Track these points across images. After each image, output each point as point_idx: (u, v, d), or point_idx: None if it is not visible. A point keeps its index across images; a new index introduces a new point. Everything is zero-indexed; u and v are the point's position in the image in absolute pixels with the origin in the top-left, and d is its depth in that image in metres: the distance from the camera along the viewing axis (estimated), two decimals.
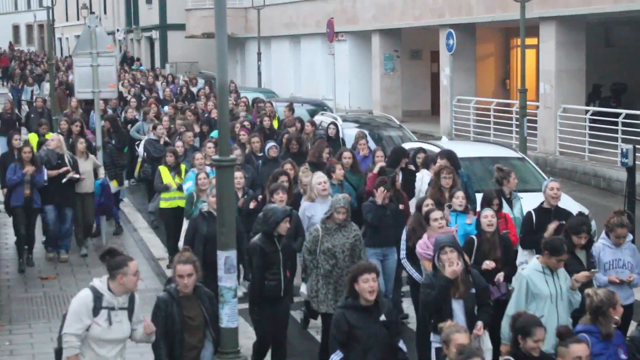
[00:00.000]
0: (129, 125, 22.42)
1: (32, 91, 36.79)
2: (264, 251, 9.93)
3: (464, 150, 16.37)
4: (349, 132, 18.98)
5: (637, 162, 17.14)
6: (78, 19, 66.96)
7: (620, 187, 21.05)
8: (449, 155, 13.96)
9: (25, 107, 35.58)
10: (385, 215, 12.00)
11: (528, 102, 24.43)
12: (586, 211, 14.89)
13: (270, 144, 16.29)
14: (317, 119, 21.86)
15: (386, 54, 36.98)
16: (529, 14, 23.56)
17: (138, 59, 56.48)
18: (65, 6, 74.83)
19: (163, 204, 15.46)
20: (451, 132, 30.10)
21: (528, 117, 24.22)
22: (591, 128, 24.47)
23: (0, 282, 14.28)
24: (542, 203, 11.48)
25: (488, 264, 10.24)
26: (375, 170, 13.84)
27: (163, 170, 15.66)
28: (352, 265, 9.59)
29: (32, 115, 25.85)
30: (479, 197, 12.43)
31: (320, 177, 12.29)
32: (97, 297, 7.57)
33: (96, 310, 7.54)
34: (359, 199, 13.52)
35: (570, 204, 14.02)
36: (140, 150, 19.24)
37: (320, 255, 10.48)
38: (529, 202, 12.24)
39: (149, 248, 16.72)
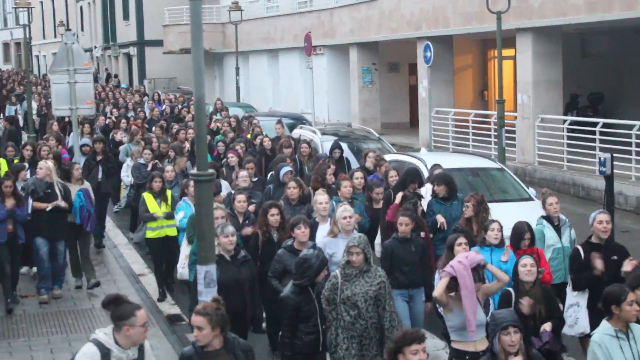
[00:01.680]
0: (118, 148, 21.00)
1: (15, 110, 35.54)
2: (299, 306, 9.11)
3: (444, 161, 16.38)
4: (328, 145, 18.97)
5: (615, 171, 17.21)
6: (55, 37, 66.79)
7: (599, 195, 21.13)
8: (445, 180, 13.17)
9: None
10: (410, 252, 11.00)
11: (506, 113, 24.50)
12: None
13: (286, 169, 14.92)
14: (296, 132, 21.86)
15: (364, 67, 37.07)
16: (505, 25, 23.65)
17: (116, 75, 56.38)
18: (42, 24, 74.70)
19: (150, 234, 14.51)
20: (430, 144, 30.17)
21: (506, 128, 24.29)
22: (569, 137, 24.57)
23: None
24: (589, 237, 10.54)
25: (546, 327, 9.04)
26: (398, 200, 12.76)
27: (148, 197, 14.55)
28: (376, 315, 9.10)
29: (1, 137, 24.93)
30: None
31: (346, 210, 10.87)
32: (104, 353, 6.79)
33: None
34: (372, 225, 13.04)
35: None
36: (125, 174, 18.47)
37: (340, 305, 9.22)
38: (507, 212, 12.25)
39: (129, 264, 16.62)
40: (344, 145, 19.75)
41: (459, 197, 12.96)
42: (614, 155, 17.17)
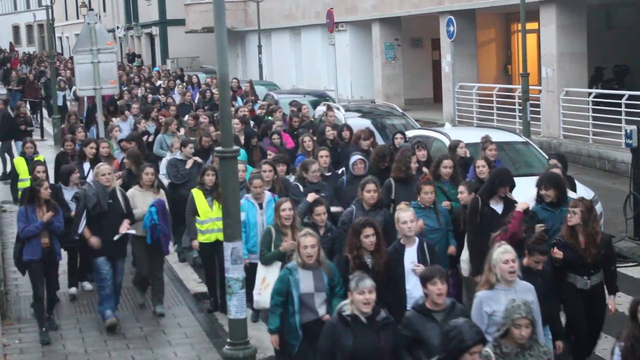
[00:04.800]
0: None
1: (64, 96, 32.21)
2: None
3: (469, 136, 16.33)
4: (352, 122, 18.89)
5: None
6: (77, 18, 66.99)
7: (625, 168, 20.99)
8: (555, 182, 10.89)
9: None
10: (537, 284, 8.75)
11: (530, 87, 24.38)
12: (592, 194, 14.91)
13: (356, 157, 13.16)
14: (320, 109, 21.81)
15: (387, 43, 36.93)
16: None
17: (139, 56, 56.48)
18: (65, 5, 74.89)
19: (199, 238, 12.51)
20: (454, 119, 30.07)
21: (531, 102, 24.17)
22: (594, 110, 24.41)
23: (8, 280, 14.25)
24: None
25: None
26: (521, 207, 10.46)
27: (197, 195, 12.50)
28: None
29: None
30: None
31: (506, 252, 8.27)
32: None
33: None
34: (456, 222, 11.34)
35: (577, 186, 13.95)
36: (163, 173, 15.41)
37: None
38: (532, 185, 12.15)
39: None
40: (368, 122, 19.72)
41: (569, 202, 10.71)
42: None
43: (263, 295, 10.24)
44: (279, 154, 14.93)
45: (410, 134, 17.43)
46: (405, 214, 9.44)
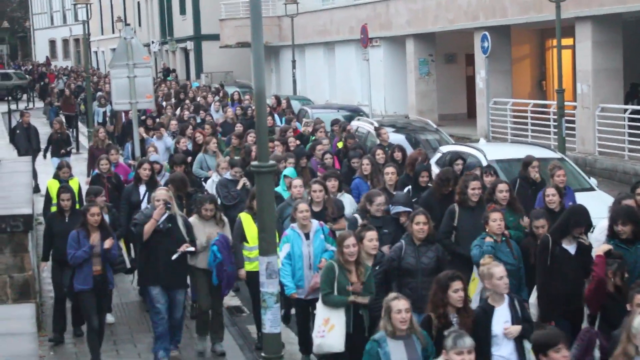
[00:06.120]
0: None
1: (104, 113, 31.32)
2: None
3: (503, 152, 16.28)
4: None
5: None
6: (113, 32, 67.50)
7: None
8: (631, 217, 9.83)
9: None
10: None
11: (565, 103, 24.27)
12: None
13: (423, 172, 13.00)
14: (354, 124, 21.81)
15: (421, 59, 36.91)
16: (564, 14, 23.38)
17: (174, 70, 56.85)
18: (101, 20, 75.55)
19: (247, 266, 11.51)
20: (488, 135, 29.98)
21: (566, 118, 24.05)
22: (630, 127, 24.28)
23: (44, 293, 14.35)
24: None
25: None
26: (603, 250, 9.18)
27: (246, 219, 11.50)
28: None
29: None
30: None
31: None
32: None
33: None
34: (524, 255, 10.39)
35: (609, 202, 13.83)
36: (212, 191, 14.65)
37: None
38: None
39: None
40: (402, 137, 19.66)
41: None
42: None
43: (328, 338, 9.35)
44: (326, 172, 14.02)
45: (445, 149, 17.39)
46: (498, 269, 8.28)
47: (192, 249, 11.04)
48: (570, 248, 9.90)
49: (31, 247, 12.87)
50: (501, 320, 8.17)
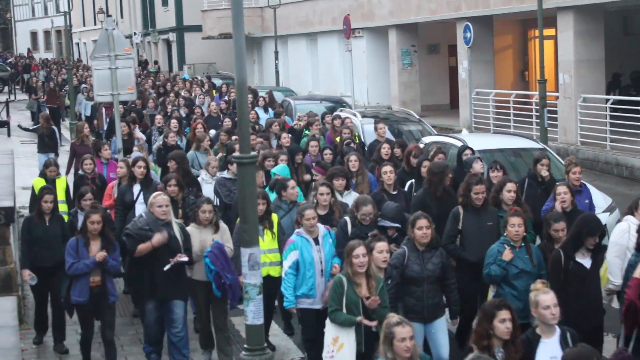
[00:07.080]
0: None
1: (92, 106, 30.46)
2: None
3: (485, 142, 16.28)
4: (369, 128, 18.83)
5: None
6: (95, 24, 67.21)
7: None
8: None
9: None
10: None
11: (547, 93, 24.32)
12: (610, 200, 14.85)
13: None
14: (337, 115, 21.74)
15: (403, 49, 36.92)
16: (546, 4, 23.47)
17: (156, 62, 56.63)
18: (82, 11, 75.16)
19: None
20: (471, 125, 30.03)
21: (548, 108, 24.13)
22: (612, 117, 24.35)
23: (25, 284, 14.24)
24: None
25: None
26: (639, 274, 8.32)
27: None
28: None
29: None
30: None
31: None
32: None
33: None
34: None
35: (594, 193, 13.89)
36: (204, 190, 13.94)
37: None
38: None
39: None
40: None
41: None
42: None
43: (337, 358, 8.78)
44: (330, 169, 13.03)
45: (428, 140, 17.39)
46: (546, 297, 7.41)
47: (186, 258, 10.26)
48: (585, 262, 9.14)
49: (13, 240, 12.70)
50: (548, 355, 7.32)
